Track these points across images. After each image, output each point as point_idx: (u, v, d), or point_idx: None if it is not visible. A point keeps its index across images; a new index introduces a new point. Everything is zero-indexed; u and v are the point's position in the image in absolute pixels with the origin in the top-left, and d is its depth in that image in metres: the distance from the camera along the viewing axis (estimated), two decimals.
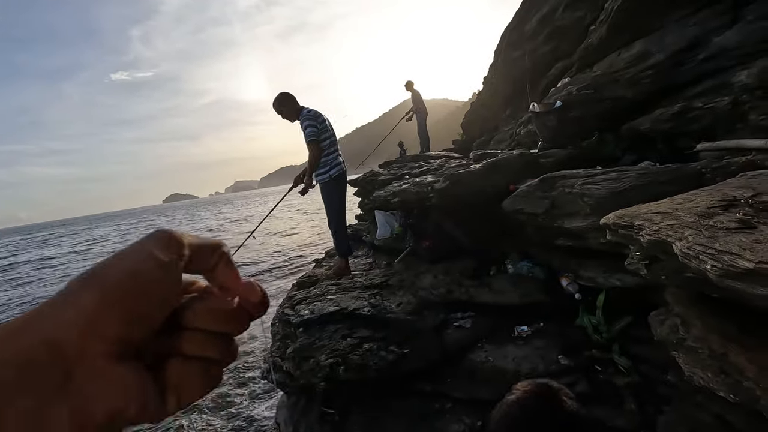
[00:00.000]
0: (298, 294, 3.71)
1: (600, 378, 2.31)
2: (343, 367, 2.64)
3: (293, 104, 3.61)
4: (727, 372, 1.16)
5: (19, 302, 12.26)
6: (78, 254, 25.53)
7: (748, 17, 2.76)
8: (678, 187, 2.06)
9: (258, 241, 18.36)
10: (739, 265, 0.93)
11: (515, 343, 2.69)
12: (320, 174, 3.63)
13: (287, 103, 3.60)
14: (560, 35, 5.67)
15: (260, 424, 4.14)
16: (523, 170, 3.63)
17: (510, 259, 3.39)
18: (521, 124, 6.31)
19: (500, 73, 8.65)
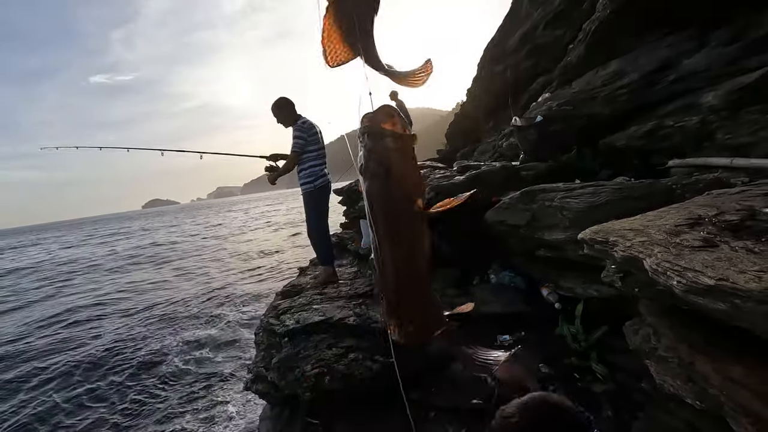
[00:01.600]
0: (283, 303, 3.70)
1: (579, 386, 2.39)
2: (328, 377, 2.66)
3: (290, 112, 3.66)
4: (695, 380, 1.24)
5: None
6: None
7: (713, 42, 2.94)
8: (650, 203, 2.18)
9: (241, 250, 18.16)
10: (701, 282, 1.01)
11: (498, 351, 2.75)
12: (305, 183, 3.68)
13: (285, 110, 3.66)
14: (541, 52, 5.87)
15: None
16: (506, 182, 3.74)
17: (493, 269, 3.47)
18: (504, 136, 6.47)
19: (483, 85, 8.86)
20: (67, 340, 8.39)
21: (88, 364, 6.93)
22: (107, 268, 17.59)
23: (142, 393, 5.71)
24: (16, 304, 12.38)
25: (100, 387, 6.04)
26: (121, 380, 6.19)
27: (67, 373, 6.69)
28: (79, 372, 6.67)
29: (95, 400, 5.70)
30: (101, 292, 12.51)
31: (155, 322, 8.83)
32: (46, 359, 7.35)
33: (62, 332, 8.95)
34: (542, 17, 5.95)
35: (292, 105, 3.71)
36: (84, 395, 5.84)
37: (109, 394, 5.79)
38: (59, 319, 9.99)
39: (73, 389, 6.09)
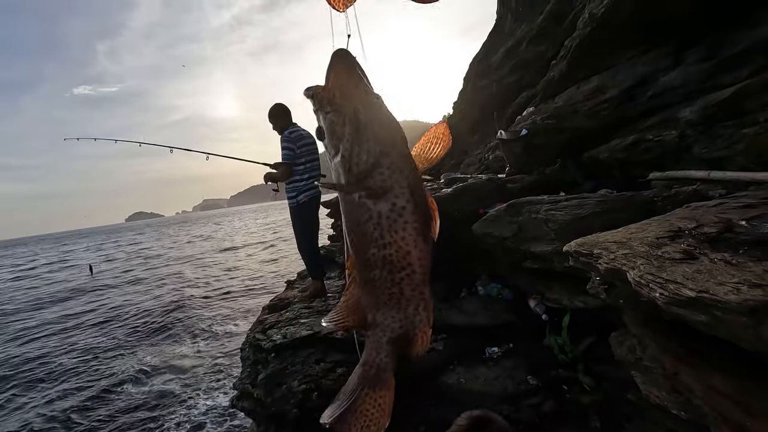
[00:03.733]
0: (270, 318, 3.65)
1: (567, 397, 2.40)
2: (316, 393, 2.62)
3: (283, 119, 3.65)
4: (679, 390, 1.27)
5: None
6: None
7: (689, 59, 3.05)
8: (632, 215, 2.23)
9: (227, 261, 17.90)
10: (683, 294, 1.03)
11: (486, 364, 2.75)
12: (289, 198, 3.65)
13: (277, 117, 3.67)
14: (524, 67, 6.02)
15: None
16: (492, 195, 3.78)
17: (480, 281, 3.49)
18: (490, 149, 6.57)
19: (469, 99, 9.01)
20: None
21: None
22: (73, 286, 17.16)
23: (112, 410, 5.54)
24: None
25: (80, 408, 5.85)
26: (98, 402, 6.01)
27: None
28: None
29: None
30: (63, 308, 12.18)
31: (131, 339, 8.61)
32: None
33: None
34: (525, 34, 6.11)
35: (284, 113, 3.69)
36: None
37: (93, 414, 5.61)
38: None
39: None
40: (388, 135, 0.93)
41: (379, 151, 0.91)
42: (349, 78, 0.89)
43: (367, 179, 0.91)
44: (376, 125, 0.92)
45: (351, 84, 0.89)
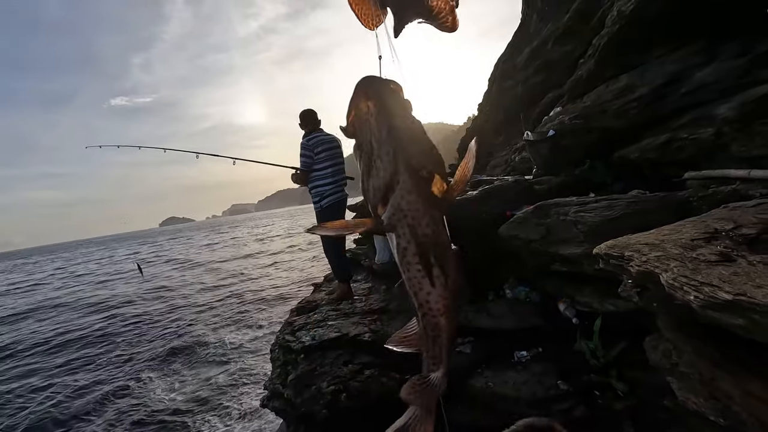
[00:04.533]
0: (298, 320, 3.73)
1: (599, 403, 2.35)
2: (344, 394, 2.67)
3: (307, 124, 3.79)
4: (717, 397, 1.23)
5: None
6: None
7: (723, 56, 2.94)
8: (666, 216, 2.17)
9: (255, 264, 18.30)
10: (719, 297, 1.01)
11: (515, 368, 2.73)
12: (314, 202, 3.76)
13: (304, 122, 3.82)
14: (551, 67, 5.92)
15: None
16: (519, 196, 3.74)
17: (508, 284, 3.45)
18: (516, 150, 6.49)
19: (494, 100, 8.93)
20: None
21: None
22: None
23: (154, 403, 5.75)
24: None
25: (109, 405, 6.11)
26: (138, 392, 6.25)
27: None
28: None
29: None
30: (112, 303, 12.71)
31: (165, 340, 8.92)
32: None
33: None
34: (551, 33, 6.02)
35: (310, 117, 3.82)
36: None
37: (119, 411, 5.84)
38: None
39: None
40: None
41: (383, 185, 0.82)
42: (365, 109, 0.81)
43: (378, 208, 0.84)
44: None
45: (366, 115, 0.81)
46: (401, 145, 0.78)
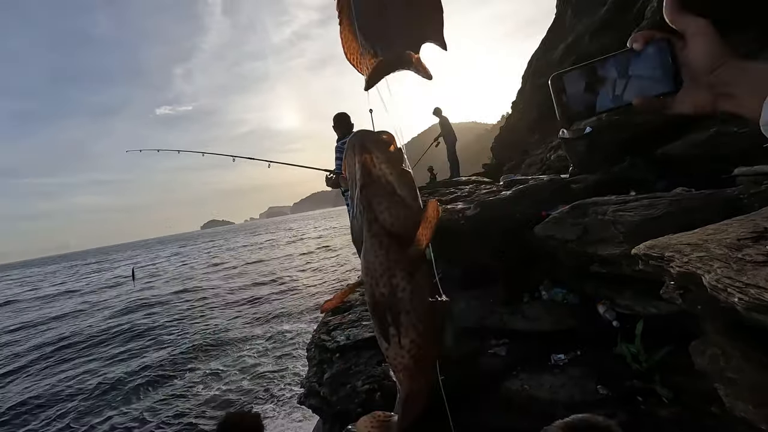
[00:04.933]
0: (333, 320, 3.81)
1: (641, 409, 2.27)
2: (379, 393, 2.70)
3: (341, 127, 3.89)
4: (766, 404, 1.17)
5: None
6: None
7: None
8: (711, 214, 2.07)
9: (289, 265, 18.73)
10: (765, 299, 0.97)
11: (552, 371, 2.67)
12: (347, 205, 3.85)
13: (338, 125, 3.91)
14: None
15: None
16: (554, 196, 3.66)
17: (544, 286, 3.38)
18: (552, 148, 6.33)
19: (528, 98, 8.74)
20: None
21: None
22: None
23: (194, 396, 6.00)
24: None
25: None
26: (175, 392, 6.54)
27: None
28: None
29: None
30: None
31: (208, 338, 9.28)
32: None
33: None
34: (587, 27, 5.82)
35: (344, 121, 3.91)
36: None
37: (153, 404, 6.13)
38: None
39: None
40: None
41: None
42: (351, 162, 0.79)
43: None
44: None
45: (351, 169, 0.80)
46: (369, 206, 0.75)
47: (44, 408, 6.65)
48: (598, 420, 1.05)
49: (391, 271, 0.73)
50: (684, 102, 0.51)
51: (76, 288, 25.40)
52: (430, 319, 0.75)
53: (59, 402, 6.77)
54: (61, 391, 7.20)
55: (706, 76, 0.48)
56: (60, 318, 14.73)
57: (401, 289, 0.73)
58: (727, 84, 0.47)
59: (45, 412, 6.47)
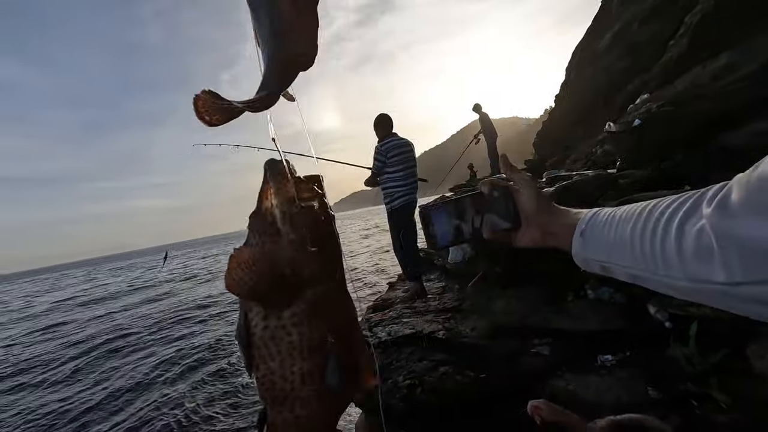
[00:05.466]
0: (374, 316, 3.89)
1: (696, 413, 2.16)
2: (420, 389, 2.74)
3: (382, 129, 3.98)
4: None
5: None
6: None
7: None
8: None
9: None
10: None
11: (598, 372, 2.60)
12: (385, 203, 3.92)
13: (378, 127, 4.01)
14: (635, 51, 5.45)
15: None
16: (600, 192, 3.54)
17: (590, 285, 3.29)
18: (597, 143, 6.08)
19: (572, 90, 8.43)
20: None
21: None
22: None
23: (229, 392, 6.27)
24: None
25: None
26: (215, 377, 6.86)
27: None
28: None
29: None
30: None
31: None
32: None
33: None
34: (635, 15, 5.53)
35: (385, 123, 3.98)
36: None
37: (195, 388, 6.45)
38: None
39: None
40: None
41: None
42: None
43: None
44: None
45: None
46: (247, 236, 0.72)
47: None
48: (652, 421, 1.02)
49: (247, 305, 0.69)
50: (524, 237, 0.63)
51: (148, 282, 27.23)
52: (289, 358, 0.68)
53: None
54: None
55: (533, 217, 0.61)
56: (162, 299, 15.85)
57: (254, 324, 0.68)
58: (549, 225, 0.60)
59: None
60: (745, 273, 0.34)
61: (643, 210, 0.47)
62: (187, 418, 5.62)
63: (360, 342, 0.78)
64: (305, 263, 0.68)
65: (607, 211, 0.54)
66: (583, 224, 0.56)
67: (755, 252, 0.32)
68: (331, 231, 0.74)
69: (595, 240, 0.53)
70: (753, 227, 0.32)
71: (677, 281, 0.41)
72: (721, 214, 0.36)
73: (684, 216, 0.41)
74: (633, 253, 0.46)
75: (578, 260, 0.58)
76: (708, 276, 0.37)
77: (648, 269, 0.45)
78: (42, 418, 6.47)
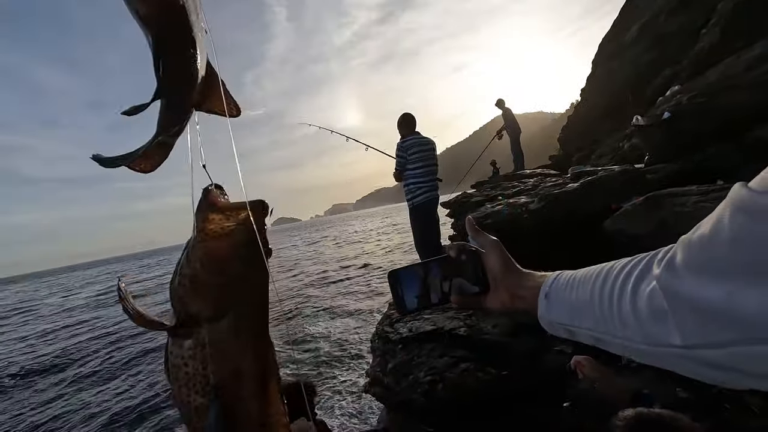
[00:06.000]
0: (396, 313, 3.91)
1: (727, 416, 2.10)
2: (441, 385, 2.75)
3: (405, 127, 4.03)
4: None
5: None
6: None
7: None
8: None
9: (355, 259, 19.23)
10: None
11: (623, 372, 2.54)
12: (407, 200, 3.97)
13: (401, 126, 4.08)
14: (664, 42, 5.26)
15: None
16: (626, 187, 3.45)
17: None
18: (625, 137, 5.92)
19: (599, 84, 8.20)
20: None
21: None
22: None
23: None
24: None
25: None
26: None
27: None
28: None
29: None
30: None
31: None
32: None
33: None
34: (662, 6, 5.34)
35: (408, 122, 4.04)
36: None
37: None
38: None
39: None
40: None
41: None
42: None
43: None
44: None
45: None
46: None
47: None
48: (681, 419, 0.99)
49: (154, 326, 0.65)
50: (493, 300, 0.61)
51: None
52: (185, 388, 0.66)
53: None
54: None
55: (501, 281, 0.60)
56: None
57: (169, 345, 0.67)
58: (516, 288, 0.59)
59: None
60: (699, 335, 0.33)
61: (600, 271, 0.47)
62: None
63: (272, 398, 0.70)
64: (191, 301, 0.64)
65: (569, 273, 0.54)
66: (547, 286, 0.55)
67: (704, 312, 0.32)
68: (242, 273, 0.67)
69: (558, 302, 0.53)
70: (698, 287, 0.32)
71: (636, 344, 0.40)
72: (669, 274, 0.35)
73: (638, 277, 0.40)
74: (593, 315, 0.46)
75: (544, 324, 0.56)
76: (664, 339, 0.36)
77: (608, 331, 0.44)
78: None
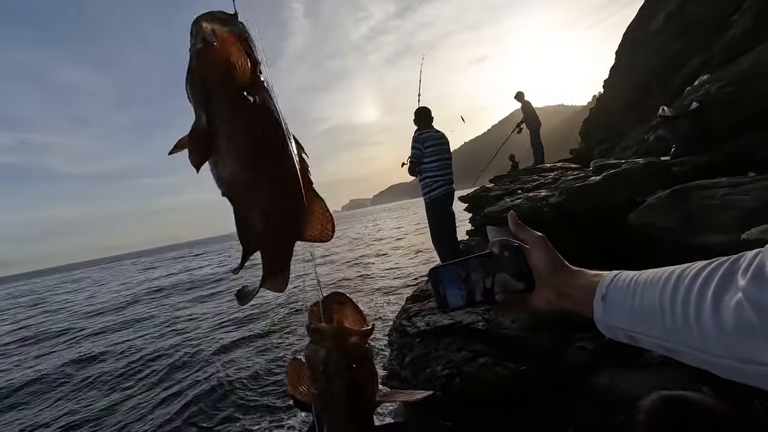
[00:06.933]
0: (413, 307, 3.92)
1: (759, 411, 2.03)
2: (458, 379, 2.75)
3: (421, 121, 4.04)
4: None
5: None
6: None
7: None
8: None
9: (372, 255, 19.31)
10: None
11: (643, 369, 2.49)
12: (424, 194, 3.96)
13: (417, 119, 4.08)
14: (692, 29, 5.07)
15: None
16: (651, 180, 3.36)
17: None
18: (650, 129, 5.74)
19: (623, 75, 7.98)
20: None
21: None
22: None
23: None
24: None
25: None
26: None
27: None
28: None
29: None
30: None
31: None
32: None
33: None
34: None
35: (425, 115, 4.04)
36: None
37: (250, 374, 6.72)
38: None
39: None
40: None
41: None
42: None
43: None
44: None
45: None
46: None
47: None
48: (705, 400, 0.94)
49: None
50: (538, 298, 0.59)
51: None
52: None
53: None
54: None
55: (548, 278, 0.58)
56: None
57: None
58: (563, 286, 0.57)
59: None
60: None
61: (670, 276, 0.44)
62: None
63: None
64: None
65: (629, 275, 0.51)
66: (603, 288, 0.52)
67: None
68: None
69: (618, 306, 0.50)
70: None
71: (719, 359, 0.37)
72: (759, 287, 0.32)
73: (719, 286, 0.37)
74: (663, 323, 0.43)
75: (601, 327, 0.53)
76: (753, 355, 0.34)
77: (682, 342, 0.41)
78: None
